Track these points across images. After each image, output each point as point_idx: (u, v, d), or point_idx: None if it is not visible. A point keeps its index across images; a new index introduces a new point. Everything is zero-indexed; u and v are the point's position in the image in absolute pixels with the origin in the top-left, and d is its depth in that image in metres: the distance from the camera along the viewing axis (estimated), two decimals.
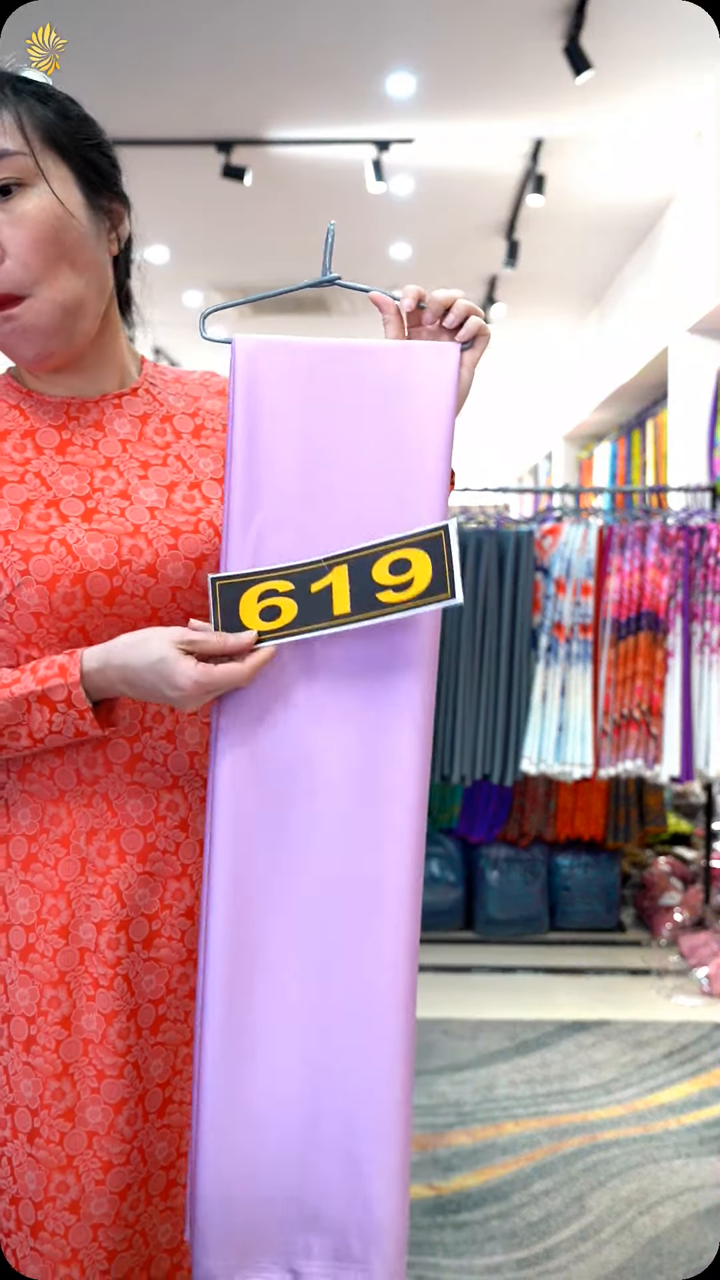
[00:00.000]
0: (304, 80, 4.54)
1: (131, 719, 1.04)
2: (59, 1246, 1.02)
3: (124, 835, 1.05)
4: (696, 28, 3.93)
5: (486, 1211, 2.31)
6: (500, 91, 4.60)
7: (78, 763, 1.04)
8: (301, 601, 0.96)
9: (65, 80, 1.13)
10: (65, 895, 1.03)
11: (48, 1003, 1.03)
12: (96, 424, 1.08)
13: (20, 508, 1.01)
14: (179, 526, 1.05)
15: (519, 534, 3.51)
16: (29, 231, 0.99)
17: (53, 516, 1.02)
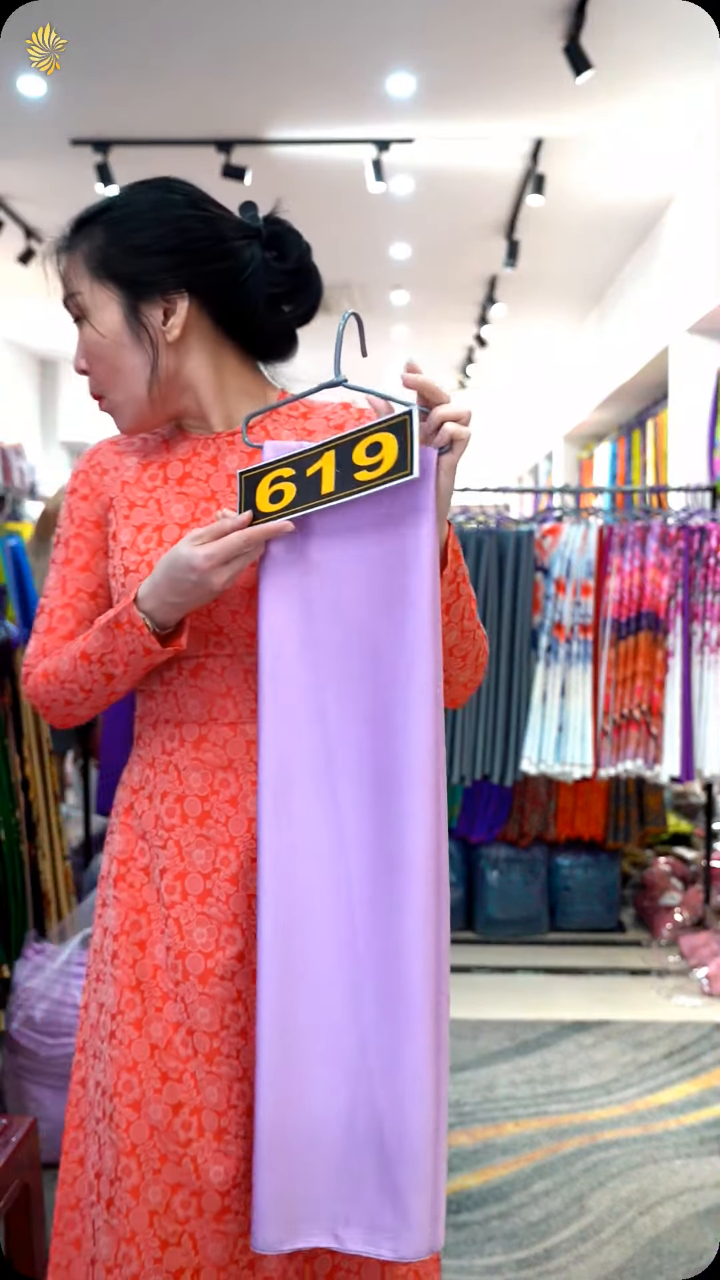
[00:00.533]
0: (304, 80, 4.54)
1: (201, 709, 1.22)
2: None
3: (186, 801, 1.23)
4: (696, 28, 3.93)
5: (486, 1212, 2.31)
6: (500, 91, 4.60)
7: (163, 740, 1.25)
8: (299, 484, 1.14)
9: (65, 80, 1.13)
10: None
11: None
12: (212, 459, 1.27)
13: (136, 529, 1.24)
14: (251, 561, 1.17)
15: (519, 534, 3.51)
16: (92, 354, 1.24)
17: (154, 540, 1.22)
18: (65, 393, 9.63)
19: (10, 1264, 1.67)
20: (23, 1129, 1.65)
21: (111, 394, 1.26)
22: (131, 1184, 1.14)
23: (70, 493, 1.32)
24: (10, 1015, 2.44)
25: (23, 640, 2.78)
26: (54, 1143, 2.42)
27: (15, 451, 7.72)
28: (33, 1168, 1.68)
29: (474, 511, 3.77)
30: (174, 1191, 1.15)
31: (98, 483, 1.30)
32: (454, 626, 1.20)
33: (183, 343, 1.25)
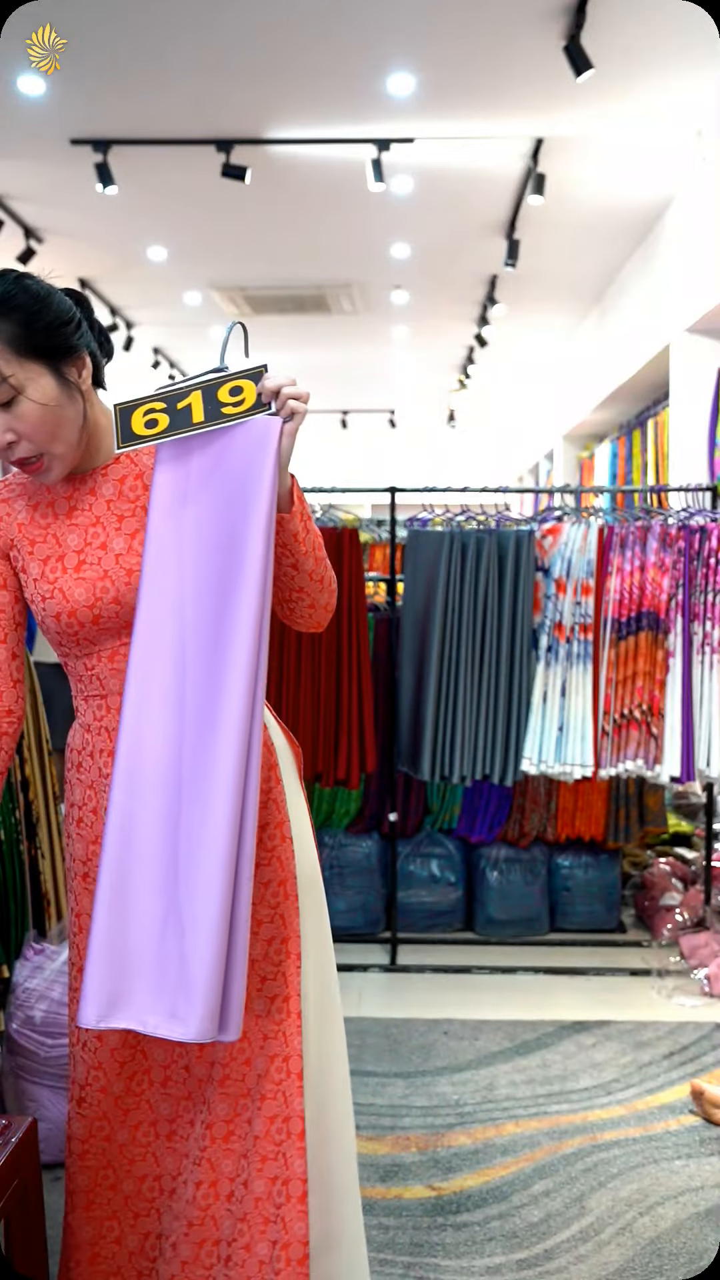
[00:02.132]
0: (304, 80, 4.53)
1: (119, 684, 1.54)
2: None
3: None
4: (696, 28, 3.93)
5: (486, 1212, 2.31)
6: (500, 91, 4.60)
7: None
8: (172, 415, 1.42)
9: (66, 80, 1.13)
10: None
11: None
12: (91, 490, 1.54)
13: (42, 563, 1.52)
14: (132, 567, 1.49)
15: (519, 534, 3.51)
16: (28, 424, 1.43)
17: (58, 570, 1.51)
18: None
19: (10, 1264, 1.67)
20: (22, 1129, 1.65)
21: (52, 449, 1.46)
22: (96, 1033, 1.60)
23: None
24: (10, 1015, 2.44)
25: None
26: (54, 1143, 2.42)
27: None
28: (33, 1168, 1.67)
29: (474, 511, 3.76)
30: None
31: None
32: (309, 555, 1.50)
33: (86, 392, 1.52)
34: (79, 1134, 1.62)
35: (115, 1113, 1.62)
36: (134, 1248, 1.63)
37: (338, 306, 7.83)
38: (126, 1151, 1.62)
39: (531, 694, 3.47)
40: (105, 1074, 1.61)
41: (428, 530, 3.63)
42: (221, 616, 1.39)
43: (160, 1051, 1.61)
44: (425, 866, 3.98)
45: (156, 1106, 1.62)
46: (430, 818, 4.08)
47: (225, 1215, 1.57)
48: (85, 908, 1.61)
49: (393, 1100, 2.79)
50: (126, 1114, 1.62)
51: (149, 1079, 1.62)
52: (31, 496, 1.56)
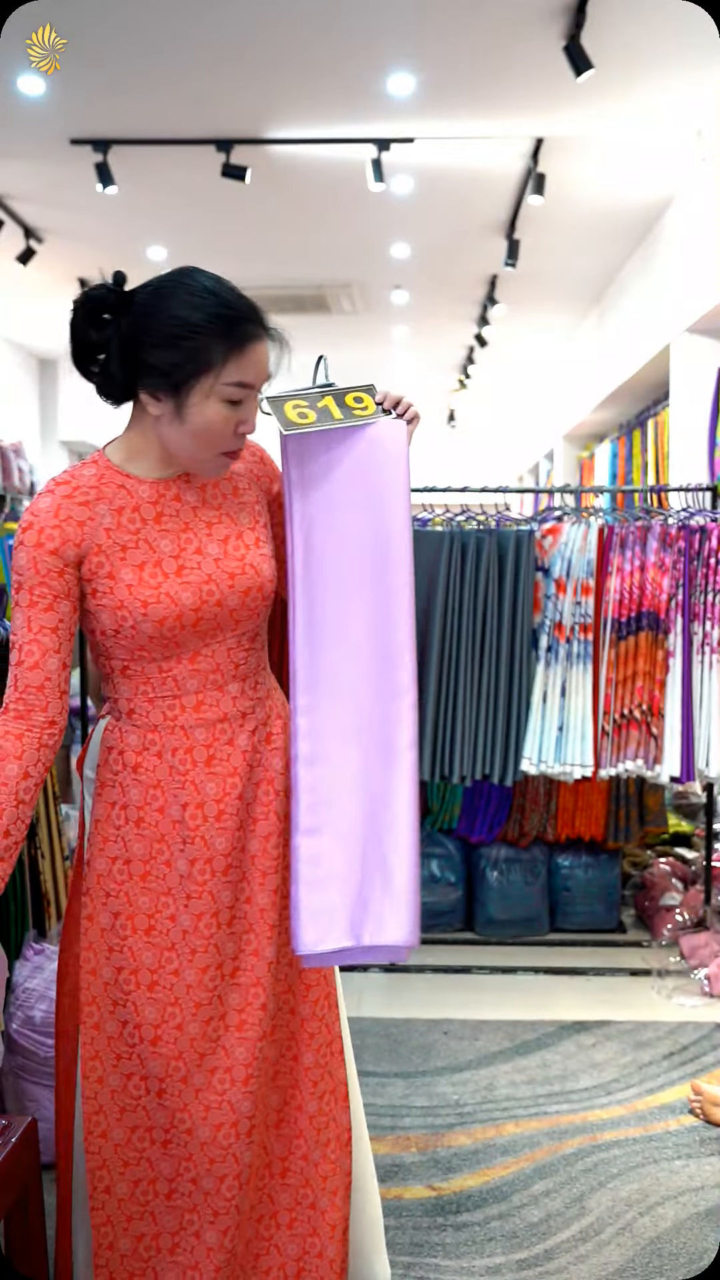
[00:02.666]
0: (304, 80, 4.53)
1: (198, 683, 1.60)
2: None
3: (194, 750, 1.61)
4: (696, 28, 3.92)
5: (487, 1212, 2.31)
6: (500, 91, 4.60)
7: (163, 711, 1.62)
8: (316, 412, 1.61)
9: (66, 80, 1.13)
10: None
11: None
12: (176, 497, 1.59)
13: (137, 568, 1.53)
14: (234, 571, 1.58)
15: (519, 534, 3.51)
16: (254, 419, 1.59)
17: (158, 575, 1.54)
18: (65, 392, 9.62)
19: (10, 1264, 1.67)
20: (22, 1129, 1.65)
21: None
22: (175, 1024, 1.60)
23: (36, 546, 1.51)
24: (10, 1015, 2.44)
25: None
26: (54, 1143, 2.42)
27: (15, 451, 7.72)
28: (32, 1168, 1.67)
29: (474, 511, 3.76)
30: (207, 1024, 1.61)
31: (73, 533, 1.52)
32: None
33: None
34: (163, 1123, 1.63)
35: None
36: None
37: (338, 306, 7.82)
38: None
39: (531, 694, 3.47)
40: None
41: (428, 530, 3.63)
42: (380, 590, 1.61)
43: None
44: (425, 866, 3.98)
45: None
46: (430, 817, 4.08)
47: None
48: (143, 906, 1.61)
49: (393, 1100, 2.79)
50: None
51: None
52: (112, 501, 1.55)
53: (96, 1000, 1.61)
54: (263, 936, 1.63)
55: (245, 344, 1.50)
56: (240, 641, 1.62)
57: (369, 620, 1.60)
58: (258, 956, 1.63)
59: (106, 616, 1.54)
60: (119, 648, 1.57)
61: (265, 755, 1.66)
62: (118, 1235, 1.60)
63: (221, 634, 1.59)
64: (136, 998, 1.59)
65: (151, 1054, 1.59)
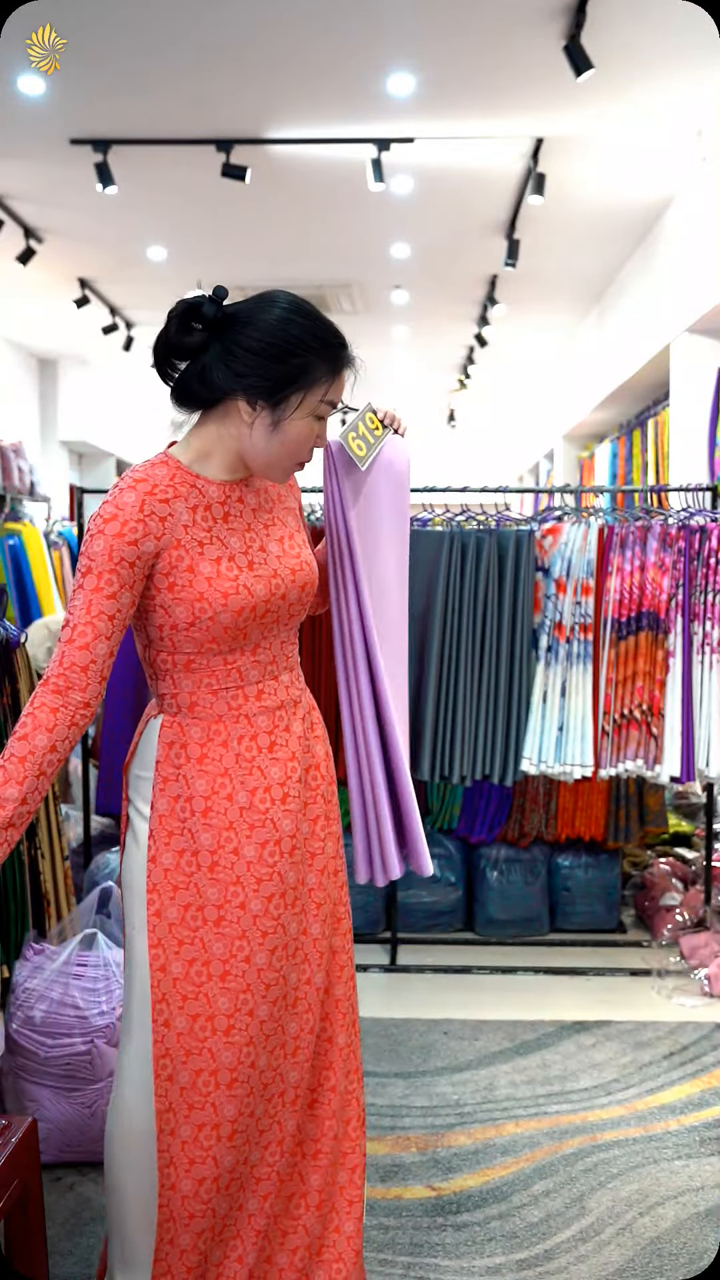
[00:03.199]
0: (304, 80, 4.53)
1: (259, 673, 1.71)
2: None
3: (258, 737, 1.72)
4: (696, 28, 3.92)
5: (487, 1212, 2.31)
6: (500, 91, 4.59)
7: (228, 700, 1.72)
8: (361, 442, 1.89)
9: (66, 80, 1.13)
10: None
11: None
12: (239, 499, 1.71)
13: (214, 562, 1.63)
14: (294, 568, 1.72)
15: (519, 534, 3.51)
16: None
17: (234, 569, 1.64)
18: (65, 392, 9.61)
19: (10, 1264, 1.67)
20: (22, 1129, 1.65)
21: None
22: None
23: (115, 536, 1.57)
24: (10, 1016, 2.43)
25: (20, 639, 2.78)
26: (53, 1143, 2.42)
27: (15, 451, 7.72)
28: (32, 1168, 1.67)
29: (474, 511, 3.76)
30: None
31: (155, 528, 1.59)
32: None
33: None
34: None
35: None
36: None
37: (338, 306, 7.82)
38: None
39: (531, 694, 3.47)
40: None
41: (428, 530, 3.63)
42: (401, 589, 1.99)
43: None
44: None
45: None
46: (430, 818, 4.08)
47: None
48: (211, 898, 1.66)
49: (393, 1100, 2.79)
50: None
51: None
52: (188, 499, 1.64)
53: (167, 998, 1.63)
54: (311, 914, 1.75)
55: (343, 368, 1.68)
56: (291, 635, 1.75)
57: (397, 609, 1.97)
58: (306, 935, 1.75)
59: (183, 610, 1.61)
60: (189, 641, 1.63)
61: (311, 742, 1.79)
62: (179, 1231, 1.65)
63: (279, 626, 1.71)
64: (209, 989, 1.63)
65: (225, 1045, 1.63)
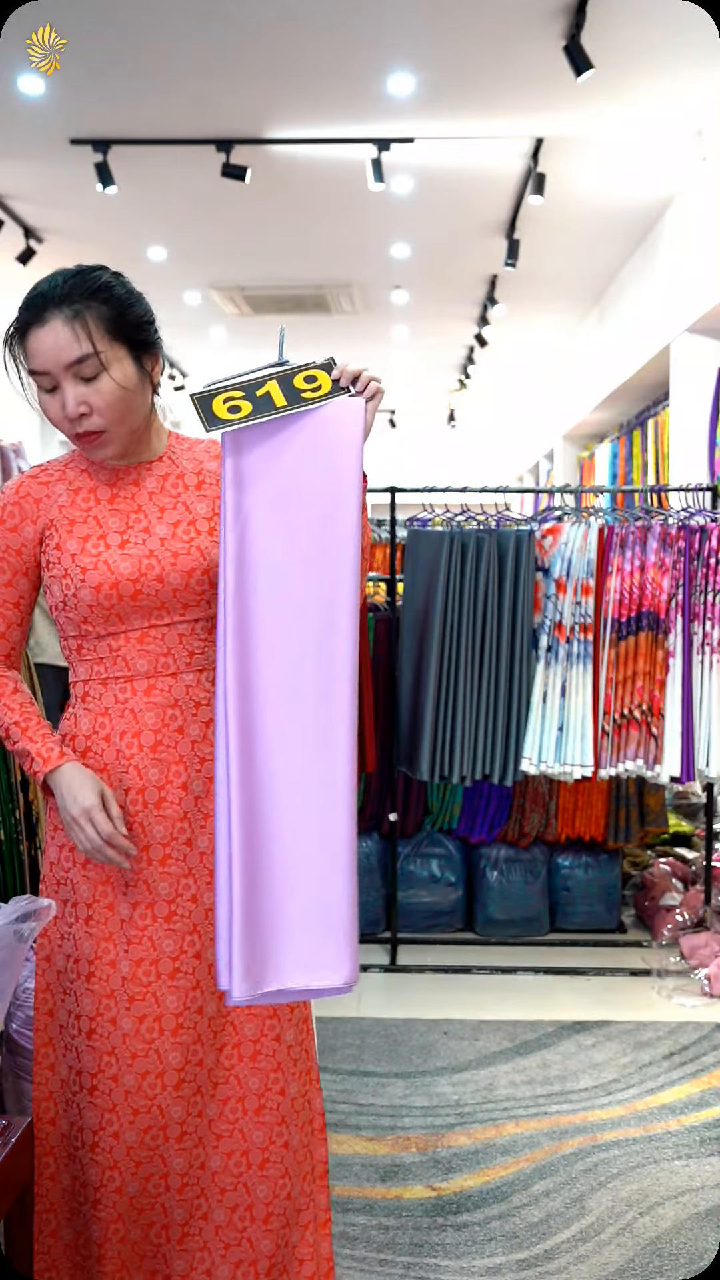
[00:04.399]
0: (304, 80, 4.53)
1: (149, 665, 1.62)
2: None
3: (141, 735, 1.62)
4: (696, 28, 3.93)
5: (487, 1212, 2.31)
6: (500, 91, 4.60)
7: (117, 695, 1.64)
8: (253, 402, 1.49)
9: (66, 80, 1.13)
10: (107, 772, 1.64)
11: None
12: (135, 482, 1.66)
13: (82, 540, 1.60)
14: (178, 551, 1.61)
15: (519, 534, 3.51)
16: (104, 399, 1.55)
17: (101, 546, 1.60)
18: None
19: (10, 1264, 1.67)
20: (21, 1129, 1.65)
21: (116, 429, 1.57)
22: (109, 1017, 1.61)
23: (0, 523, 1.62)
24: (10, 1016, 2.43)
25: None
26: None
27: (15, 451, 7.72)
28: (32, 1168, 1.67)
29: (474, 511, 3.76)
30: (140, 1021, 1.60)
31: (30, 510, 1.63)
32: (366, 526, 1.58)
33: (153, 389, 1.66)
34: (92, 1124, 1.64)
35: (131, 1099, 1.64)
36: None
37: (338, 306, 7.82)
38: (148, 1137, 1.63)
39: (531, 694, 3.47)
40: (118, 1062, 1.62)
41: (428, 530, 3.63)
42: (325, 587, 1.49)
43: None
44: (425, 866, 3.98)
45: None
46: (430, 818, 4.08)
47: (259, 1180, 1.67)
48: (84, 895, 1.63)
49: (393, 1100, 2.79)
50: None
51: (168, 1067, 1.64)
52: (71, 483, 1.65)
53: (51, 988, 1.68)
54: (208, 938, 1.62)
55: (17, 335, 1.57)
56: (194, 629, 1.62)
57: (311, 631, 1.49)
58: (200, 959, 1.62)
59: (56, 588, 1.61)
60: (69, 622, 1.63)
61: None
62: (56, 1224, 1.69)
63: (168, 614, 1.61)
64: (77, 988, 1.64)
65: (86, 1047, 1.63)
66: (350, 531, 1.49)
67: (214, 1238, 1.64)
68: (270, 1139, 1.66)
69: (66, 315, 1.52)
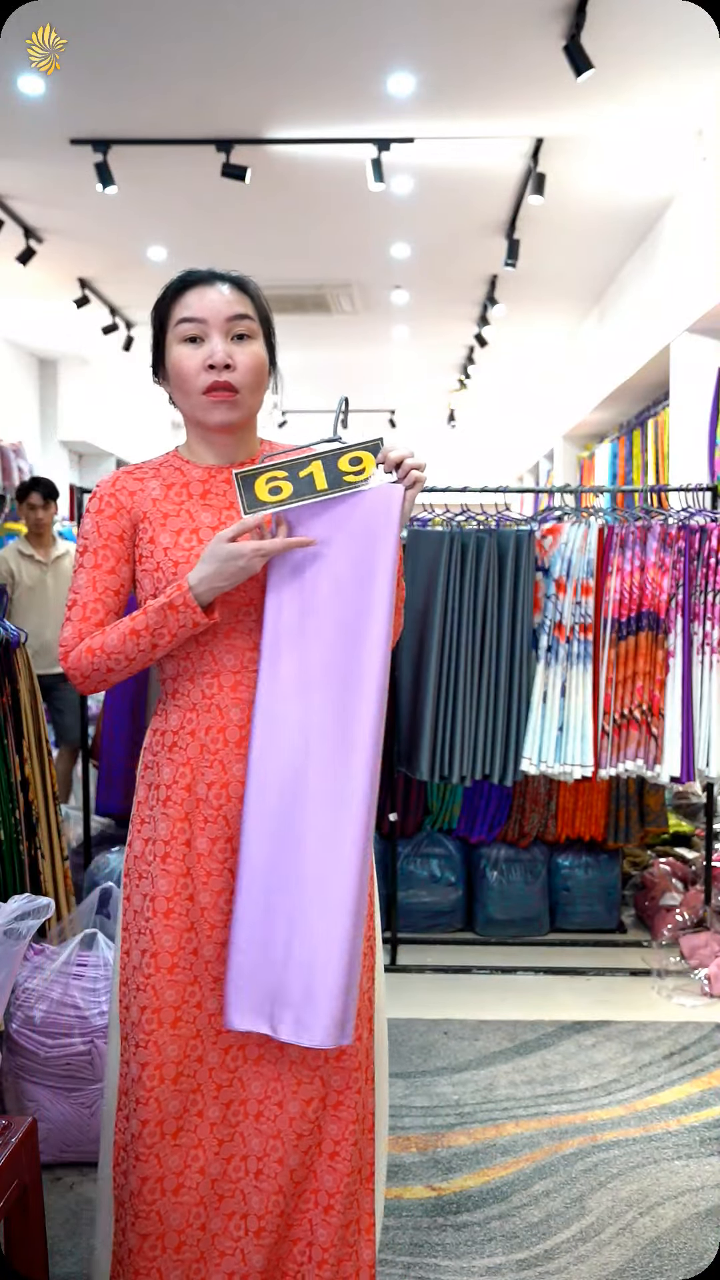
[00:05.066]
0: (304, 80, 4.53)
1: (235, 661, 1.66)
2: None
3: (227, 730, 1.66)
4: (696, 28, 3.93)
5: (487, 1212, 2.31)
6: (500, 91, 4.60)
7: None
8: (294, 483, 1.56)
9: (66, 80, 1.13)
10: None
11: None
12: (227, 480, 1.71)
13: (175, 534, 1.66)
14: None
15: (519, 534, 3.51)
16: (248, 359, 1.66)
17: (193, 540, 1.66)
18: (65, 392, 9.61)
19: (10, 1264, 1.67)
20: (22, 1129, 1.65)
21: (246, 394, 1.66)
22: (194, 1002, 1.65)
23: (97, 513, 1.69)
24: (10, 1015, 2.44)
25: (20, 639, 2.78)
26: (53, 1143, 2.42)
27: (15, 451, 7.72)
28: (32, 1168, 1.67)
29: (474, 511, 3.76)
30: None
31: (126, 503, 1.69)
32: (397, 603, 1.68)
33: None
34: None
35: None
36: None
37: (338, 306, 7.82)
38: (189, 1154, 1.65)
39: (531, 694, 3.47)
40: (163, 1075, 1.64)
41: (428, 530, 3.63)
42: (350, 664, 1.56)
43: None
44: (425, 866, 3.98)
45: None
46: (430, 818, 4.08)
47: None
48: (163, 889, 1.65)
49: (393, 1100, 2.79)
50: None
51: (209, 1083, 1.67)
52: (165, 479, 1.71)
53: (127, 983, 1.68)
54: None
55: (182, 288, 1.68)
56: None
57: (335, 697, 1.57)
58: None
59: (147, 580, 1.66)
60: None
61: None
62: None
63: (256, 611, 1.65)
64: (157, 981, 1.64)
65: (171, 1037, 1.63)
66: (380, 615, 1.55)
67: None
68: (338, 1185, 1.67)
69: (233, 284, 1.68)
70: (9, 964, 1.68)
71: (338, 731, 1.56)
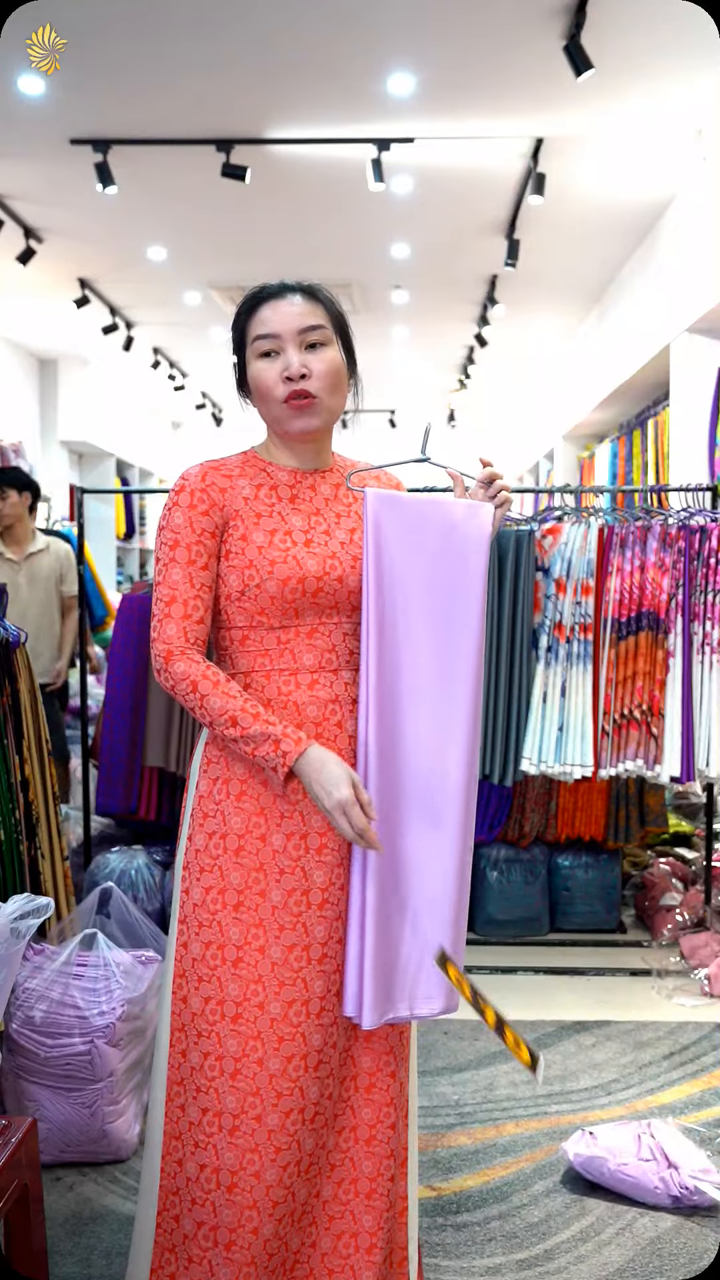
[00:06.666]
0: (304, 80, 4.53)
1: (315, 660, 1.70)
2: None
3: (304, 727, 1.69)
4: (696, 27, 3.92)
5: (487, 1212, 2.31)
6: (500, 91, 4.59)
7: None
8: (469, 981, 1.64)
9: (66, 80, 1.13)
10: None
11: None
12: (311, 486, 1.77)
13: (269, 533, 1.69)
14: (356, 555, 1.72)
15: (519, 534, 3.51)
16: (324, 366, 1.71)
17: (287, 541, 1.69)
18: (65, 392, 9.60)
19: (10, 1264, 1.67)
20: (22, 1129, 1.65)
21: (325, 399, 1.71)
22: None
23: (189, 507, 1.69)
24: (10, 1015, 2.44)
25: (20, 639, 2.78)
26: (53, 1143, 2.42)
27: (15, 450, 7.72)
28: (32, 1168, 1.67)
29: None
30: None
31: (218, 499, 1.70)
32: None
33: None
34: (230, 1164, 1.63)
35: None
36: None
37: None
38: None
39: (531, 694, 3.47)
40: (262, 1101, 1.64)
41: None
42: (449, 660, 1.69)
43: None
44: None
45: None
46: None
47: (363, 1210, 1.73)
48: (233, 938, 1.65)
49: None
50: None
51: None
52: (253, 479, 1.74)
53: (185, 1029, 1.67)
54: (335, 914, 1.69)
55: (255, 304, 1.74)
56: (355, 630, 1.73)
57: (435, 678, 1.70)
58: (332, 939, 1.68)
59: (235, 577, 1.67)
60: (240, 613, 1.68)
61: None
62: (179, 1268, 1.66)
63: (337, 613, 1.70)
64: (220, 1029, 1.63)
65: (230, 1088, 1.62)
66: (473, 626, 1.70)
67: (320, 1265, 1.70)
68: (378, 1170, 1.71)
69: (305, 294, 1.73)
70: (9, 964, 1.68)
71: (445, 721, 1.69)
